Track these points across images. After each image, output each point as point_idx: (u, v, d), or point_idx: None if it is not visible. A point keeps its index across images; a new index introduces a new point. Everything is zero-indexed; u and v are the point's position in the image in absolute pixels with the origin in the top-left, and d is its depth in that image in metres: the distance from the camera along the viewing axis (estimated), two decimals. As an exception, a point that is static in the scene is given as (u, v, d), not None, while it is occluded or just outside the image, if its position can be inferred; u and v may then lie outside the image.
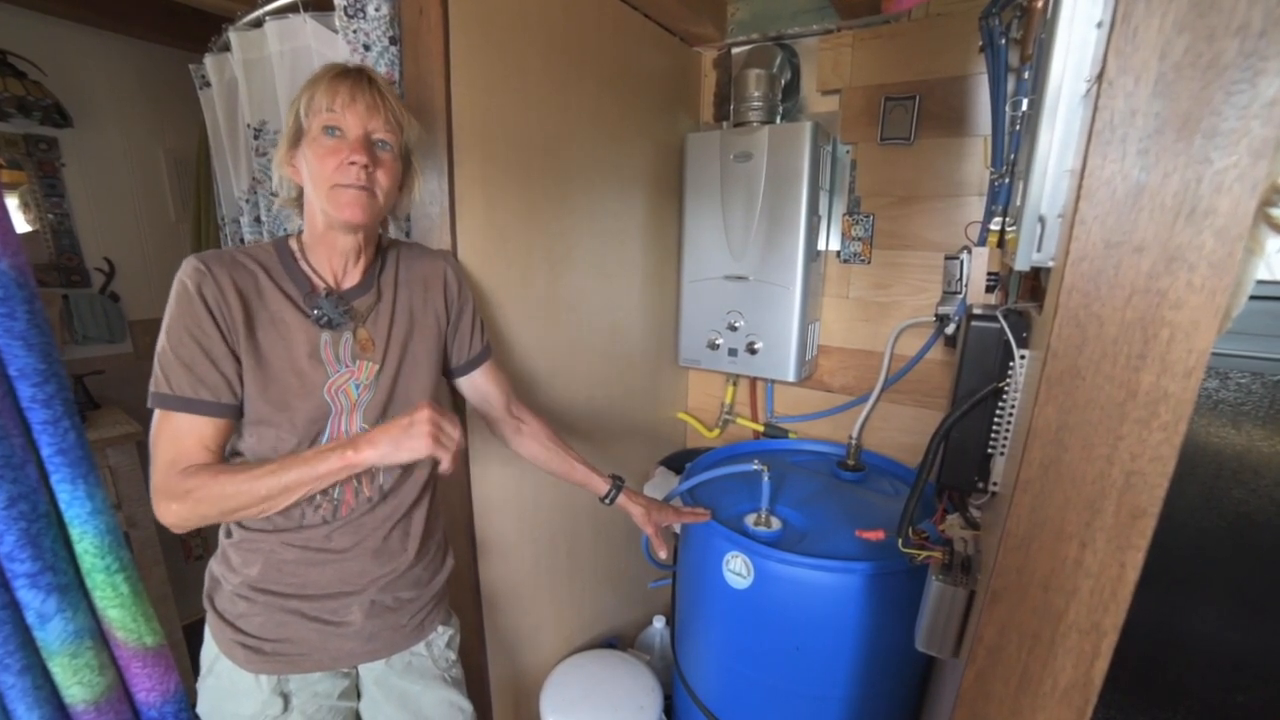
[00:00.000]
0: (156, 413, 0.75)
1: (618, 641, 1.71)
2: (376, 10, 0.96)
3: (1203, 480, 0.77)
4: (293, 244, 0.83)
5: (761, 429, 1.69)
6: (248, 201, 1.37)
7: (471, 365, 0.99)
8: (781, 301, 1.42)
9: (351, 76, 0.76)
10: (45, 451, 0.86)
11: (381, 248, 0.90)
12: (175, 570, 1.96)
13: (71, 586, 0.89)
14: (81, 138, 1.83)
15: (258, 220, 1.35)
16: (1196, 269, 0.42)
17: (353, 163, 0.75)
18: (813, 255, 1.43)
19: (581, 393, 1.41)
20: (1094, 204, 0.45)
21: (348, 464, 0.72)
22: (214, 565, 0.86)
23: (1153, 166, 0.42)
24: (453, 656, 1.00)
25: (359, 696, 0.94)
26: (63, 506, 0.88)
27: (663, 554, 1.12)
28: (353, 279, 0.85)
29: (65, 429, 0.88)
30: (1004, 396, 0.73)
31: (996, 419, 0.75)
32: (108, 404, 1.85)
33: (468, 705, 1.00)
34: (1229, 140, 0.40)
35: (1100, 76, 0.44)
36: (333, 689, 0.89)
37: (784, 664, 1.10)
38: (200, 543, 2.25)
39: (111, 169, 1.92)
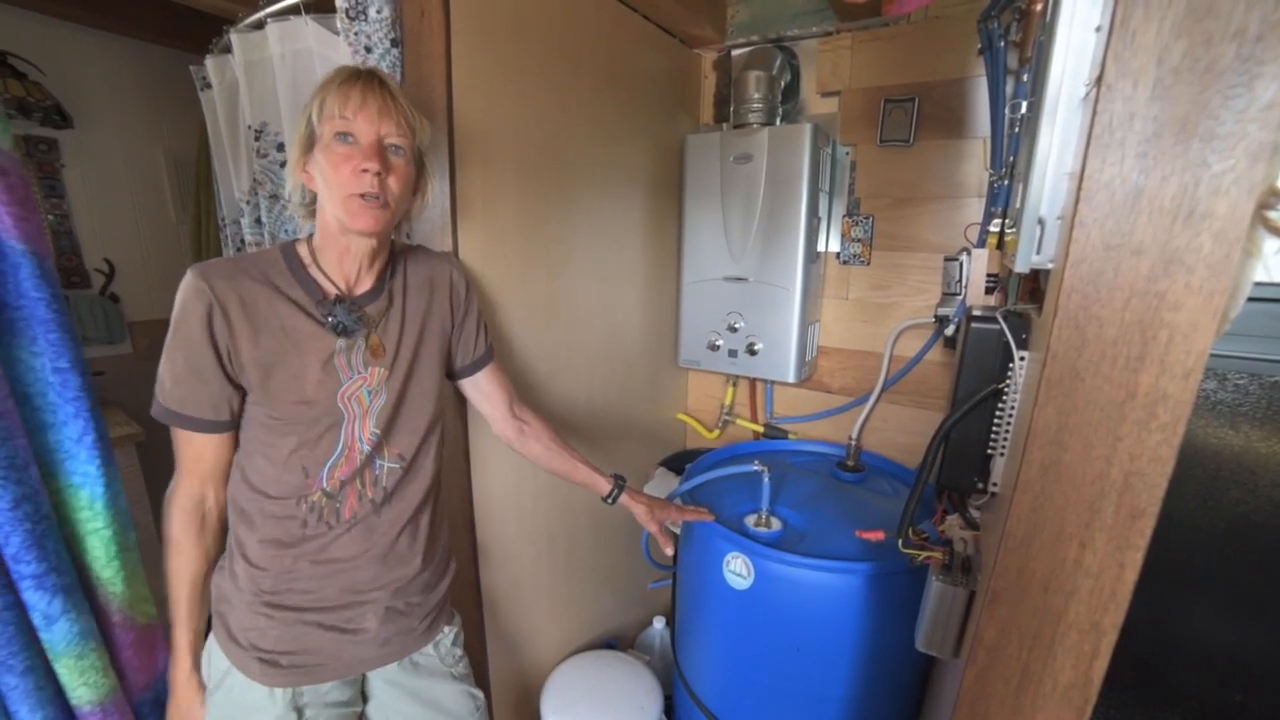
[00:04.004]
0: None
1: (617, 642, 1.71)
2: (378, 13, 0.96)
3: (1201, 481, 0.77)
4: (300, 250, 0.82)
5: (761, 430, 1.69)
6: (248, 203, 1.37)
7: (475, 367, 0.99)
8: (781, 303, 1.43)
9: (362, 79, 0.75)
10: (90, 438, 0.91)
11: (394, 254, 0.90)
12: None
13: (77, 588, 0.89)
14: (81, 139, 1.84)
15: (258, 221, 1.35)
16: (1195, 271, 0.42)
17: (365, 170, 0.74)
18: (812, 257, 1.43)
19: (581, 394, 1.41)
20: (1093, 206, 0.45)
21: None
22: (220, 580, 0.85)
23: (1151, 170, 0.43)
24: (459, 653, 1.01)
25: (364, 700, 0.94)
26: (88, 484, 0.92)
27: (668, 551, 1.12)
28: (365, 285, 0.85)
29: (98, 416, 0.93)
30: (1003, 397, 0.73)
31: (996, 420, 0.75)
32: (108, 405, 1.85)
33: (479, 693, 1.01)
34: (1226, 144, 0.40)
35: (1099, 80, 0.44)
36: (342, 695, 0.89)
37: (784, 664, 1.10)
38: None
39: (111, 170, 1.92)
